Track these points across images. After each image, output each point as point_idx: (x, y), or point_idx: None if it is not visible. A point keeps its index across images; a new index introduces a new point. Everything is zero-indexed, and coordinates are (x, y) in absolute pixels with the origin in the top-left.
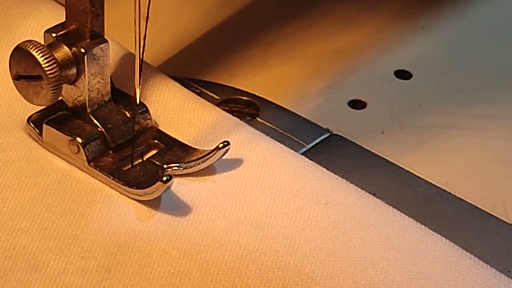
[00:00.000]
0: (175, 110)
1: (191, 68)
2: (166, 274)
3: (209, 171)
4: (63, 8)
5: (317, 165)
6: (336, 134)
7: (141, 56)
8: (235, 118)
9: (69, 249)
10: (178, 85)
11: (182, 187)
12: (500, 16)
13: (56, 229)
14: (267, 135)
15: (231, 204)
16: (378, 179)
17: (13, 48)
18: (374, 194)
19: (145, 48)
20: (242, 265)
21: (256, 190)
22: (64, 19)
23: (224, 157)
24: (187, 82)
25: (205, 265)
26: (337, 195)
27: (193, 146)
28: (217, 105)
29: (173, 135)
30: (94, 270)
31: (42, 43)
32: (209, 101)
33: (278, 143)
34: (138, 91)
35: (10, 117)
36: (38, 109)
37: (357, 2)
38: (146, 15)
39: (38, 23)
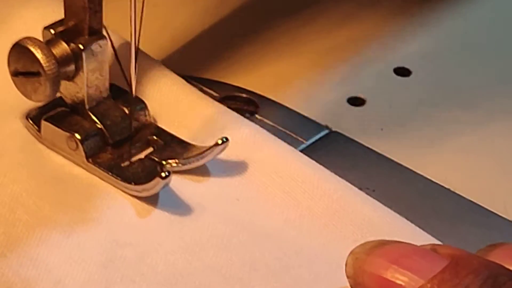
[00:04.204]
0: (175, 104)
1: (190, 66)
2: (164, 271)
3: (210, 170)
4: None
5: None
6: (335, 131)
7: (135, 55)
8: (236, 113)
9: (66, 243)
10: (179, 78)
11: (181, 185)
12: (500, 13)
13: (53, 222)
14: None
15: (232, 208)
16: (377, 176)
17: (9, 38)
18: (373, 191)
19: (144, 46)
20: (244, 272)
21: (261, 194)
22: (61, 10)
23: (226, 154)
24: (186, 80)
25: (206, 266)
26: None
27: (192, 141)
28: None
29: (172, 130)
30: (91, 264)
31: (41, 39)
32: None
33: (281, 141)
34: (133, 89)
35: (7, 111)
36: (36, 104)
37: None
38: (141, 14)
39: (36, 12)
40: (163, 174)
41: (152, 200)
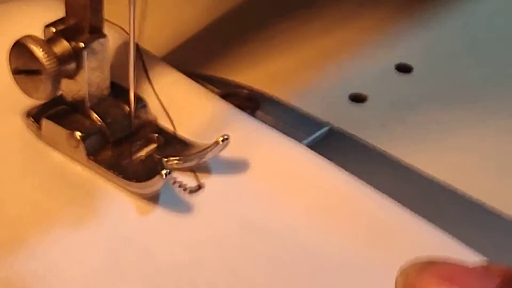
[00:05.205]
0: (176, 102)
1: (192, 62)
2: (165, 268)
3: (212, 167)
4: None
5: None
6: (336, 128)
7: (134, 52)
8: (238, 110)
9: (68, 238)
10: (180, 75)
11: (183, 183)
12: (502, 10)
13: (56, 218)
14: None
15: (234, 205)
16: (378, 174)
17: (10, 36)
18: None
19: (145, 42)
20: (246, 270)
21: (264, 190)
22: (63, 8)
23: (227, 151)
24: (188, 76)
25: (207, 263)
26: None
27: (193, 138)
28: None
29: (173, 128)
30: (93, 260)
31: (42, 37)
32: None
33: (284, 137)
34: (132, 90)
35: (8, 109)
36: (37, 102)
37: None
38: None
39: (37, 10)
40: (164, 172)
41: (153, 198)
